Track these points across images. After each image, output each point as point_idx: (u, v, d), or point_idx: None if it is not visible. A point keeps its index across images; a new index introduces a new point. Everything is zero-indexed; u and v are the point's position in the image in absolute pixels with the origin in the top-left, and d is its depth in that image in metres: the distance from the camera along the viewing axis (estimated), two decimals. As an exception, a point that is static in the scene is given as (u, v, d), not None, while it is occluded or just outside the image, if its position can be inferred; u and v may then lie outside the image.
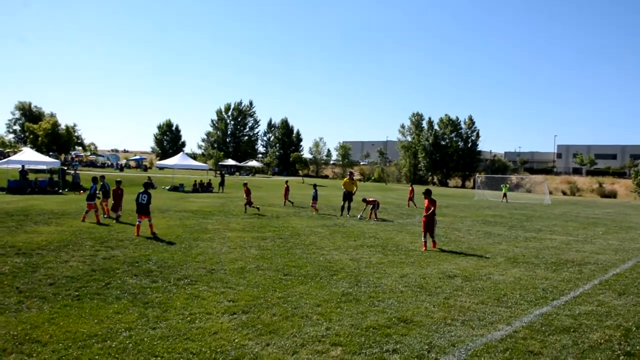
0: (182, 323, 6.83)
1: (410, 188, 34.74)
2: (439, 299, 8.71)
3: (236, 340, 6.20)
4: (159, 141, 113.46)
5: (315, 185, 28.33)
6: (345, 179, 25.13)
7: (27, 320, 6.72)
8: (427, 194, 15.11)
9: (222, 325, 6.81)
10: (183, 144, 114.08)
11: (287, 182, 32.01)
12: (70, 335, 6.19)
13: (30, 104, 77.04)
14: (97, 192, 19.39)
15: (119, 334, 6.31)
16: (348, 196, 24.44)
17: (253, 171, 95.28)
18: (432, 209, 14.64)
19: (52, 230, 15.40)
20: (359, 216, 23.30)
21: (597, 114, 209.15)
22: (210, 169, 69.87)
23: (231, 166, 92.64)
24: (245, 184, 26.42)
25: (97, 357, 5.53)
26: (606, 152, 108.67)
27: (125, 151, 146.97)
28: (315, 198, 26.36)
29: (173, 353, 5.71)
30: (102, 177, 21.65)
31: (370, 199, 23.97)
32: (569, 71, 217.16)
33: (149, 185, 16.45)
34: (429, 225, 14.60)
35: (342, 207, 24.64)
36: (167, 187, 46.31)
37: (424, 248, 14.36)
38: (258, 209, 24.78)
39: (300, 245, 14.26)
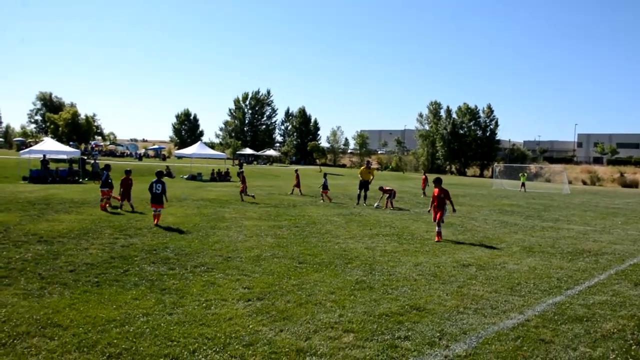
0: (198, 309, 6.98)
1: (423, 177, 34.46)
2: (452, 287, 8.77)
3: (250, 326, 6.33)
4: (177, 130, 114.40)
5: (325, 174, 28.52)
6: (362, 168, 25.26)
7: (49, 305, 6.91)
8: (437, 182, 14.81)
9: (237, 311, 6.95)
10: (201, 133, 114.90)
11: (297, 170, 32.27)
12: (90, 320, 6.36)
13: (50, 94, 78.16)
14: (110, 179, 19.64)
15: (136, 319, 6.48)
16: (364, 185, 24.56)
17: (271, 160, 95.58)
18: (442, 197, 14.44)
19: (72, 218, 15.68)
20: (375, 205, 23.34)
21: (619, 102, 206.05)
22: (228, 158, 70.27)
23: (249, 155, 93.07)
24: (240, 173, 27.79)
25: (115, 341, 5.69)
26: (628, 141, 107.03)
27: (144, 140, 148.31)
28: (325, 187, 26.53)
29: (189, 338, 5.85)
30: (107, 166, 21.39)
31: (387, 188, 23.98)
32: (589, 59, 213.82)
33: (162, 174, 16.38)
34: (439, 214, 14.33)
35: (359, 196, 24.75)
36: (185, 176, 46.72)
37: (437, 238, 13.95)
38: (253, 196, 25.25)
39: (316, 233, 14.37)
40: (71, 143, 53.99)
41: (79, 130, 54.09)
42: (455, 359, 5.52)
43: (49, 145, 42.71)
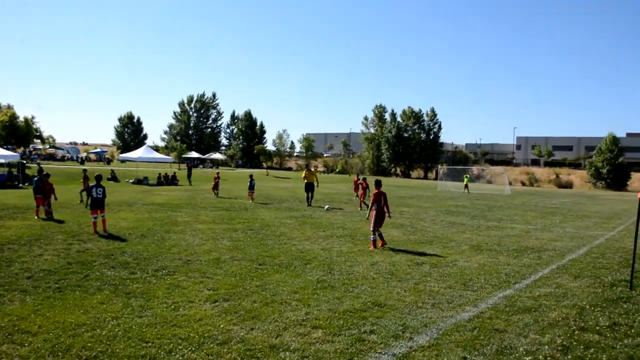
0: (166, 311, 7.09)
1: (355, 179, 31.94)
2: (409, 284, 9.17)
3: (221, 326, 6.50)
4: (120, 134, 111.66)
5: (251, 175, 29.53)
6: (304, 172, 26.33)
7: (12, 313, 6.86)
8: (378, 184, 13.90)
9: (206, 312, 7.10)
10: (145, 137, 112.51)
11: (217, 173, 33.45)
12: (59, 325, 6.37)
13: (-15, 96, 74.91)
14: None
15: (106, 322, 6.53)
16: (310, 187, 25.65)
17: (217, 164, 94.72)
18: (382, 199, 13.46)
19: (19, 224, 15.31)
20: (326, 207, 23.72)
21: (555, 106, 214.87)
22: (174, 162, 69.29)
23: (195, 159, 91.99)
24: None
25: (89, 344, 5.75)
26: (563, 144, 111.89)
27: (84, 144, 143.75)
28: (251, 187, 27.75)
29: (163, 339, 5.97)
30: (40, 170, 20.44)
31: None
32: (528, 64, 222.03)
33: (101, 177, 15.42)
34: (380, 219, 13.43)
35: (307, 198, 25.74)
36: (131, 180, 45.90)
37: (372, 247, 13.09)
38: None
39: (271, 236, 14.57)
40: (8, 146, 51.99)
41: (17, 133, 52.17)
42: (419, 350, 5.87)
43: (-15, 149, 41.07)
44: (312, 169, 27.36)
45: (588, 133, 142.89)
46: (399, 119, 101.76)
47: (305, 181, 25.97)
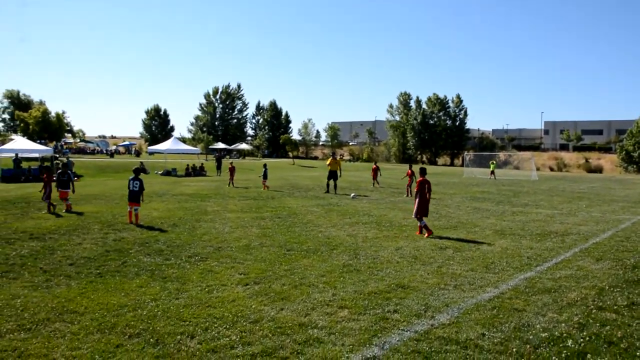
0: (201, 293, 7.53)
1: (374, 166, 32.70)
2: (432, 267, 9.48)
3: (253, 306, 6.92)
4: (147, 126, 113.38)
5: (265, 165, 30.42)
6: (329, 159, 26.75)
7: (60, 295, 7.38)
8: (422, 172, 13.80)
9: (238, 294, 7.53)
10: (172, 129, 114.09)
11: (231, 163, 34.36)
12: (103, 306, 6.86)
13: (18, 92, 76.62)
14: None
15: (146, 304, 6.99)
16: (333, 175, 26.22)
17: (243, 154, 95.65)
18: (426, 187, 13.39)
19: (56, 216, 15.95)
20: (352, 195, 24.04)
21: (584, 89, 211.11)
22: (201, 153, 70.21)
23: (221, 149, 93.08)
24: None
25: (132, 322, 6.21)
26: (593, 128, 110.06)
27: (112, 137, 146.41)
28: (265, 176, 28.50)
29: (199, 318, 6.41)
30: (65, 164, 20.74)
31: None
32: (555, 47, 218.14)
33: (140, 170, 15.95)
34: (423, 207, 13.36)
35: (327, 185, 26.45)
36: (159, 172, 46.83)
37: (418, 232, 13.27)
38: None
39: (299, 223, 14.97)
40: (41, 141, 53.39)
41: (49, 128, 53.57)
42: (440, 327, 6.19)
43: (21, 144, 42.34)
44: (337, 158, 27.67)
45: (619, 116, 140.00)
46: (424, 105, 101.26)
47: (330, 169, 26.46)
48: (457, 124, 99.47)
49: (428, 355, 5.35)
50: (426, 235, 12.95)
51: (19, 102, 74.28)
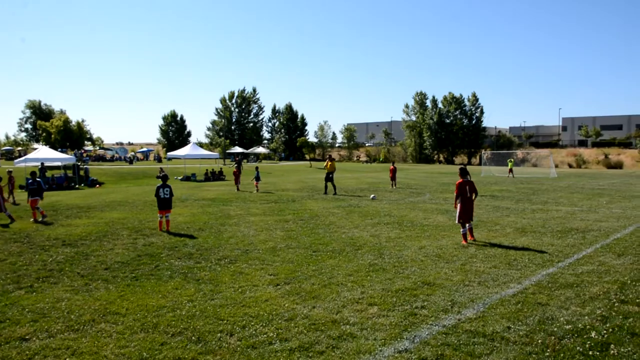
0: (235, 294, 7.86)
1: (392, 167, 32.72)
2: (456, 265, 9.73)
3: (286, 305, 7.23)
4: (164, 132, 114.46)
5: (257, 168, 31.87)
6: (327, 162, 27.31)
7: (101, 298, 7.75)
8: (462, 173, 12.58)
9: (270, 294, 7.84)
10: (189, 134, 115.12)
11: (237, 167, 35.39)
12: (143, 307, 7.21)
13: (40, 102, 78.06)
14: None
15: (183, 304, 7.34)
16: (329, 176, 26.80)
17: (260, 157, 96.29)
18: (467, 189, 12.33)
19: (85, 222, 16.40)
20: (371, 197, 24.28)
21: (602, 84, 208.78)
22: (220, 158, 70.84)
23: (238, 153, 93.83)
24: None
25: (172, 322, 6.55)
26: (612, 123, 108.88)
27: (130, 144, 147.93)
28: (257, 178, 30.14)
29: (235, 317, 6.73)
30: (35, 172, 19.46)
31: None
32: (572, 43, 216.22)
33: (167, 177, 15.93)
34: (467, 211, 12.30)
35: (326, 187, 27.04)
36: (179, 177, 47.42)
37: (464, 241, 12.18)
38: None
39: (322, 225, 15.26)
40: (62, 149, 54.39)
41: (71, 136, 54.58)
42: (466, 321, 6.45)
43: (44, 153, 43.19)
44: (334, 161, 28.23)
45: (639, 111, 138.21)
46: (440, 105, 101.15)
47: (327, 170, 27.02)
48: (474, 122, 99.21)
49: (457, 347, 5.61)
50: (463, 242, 12.12)
51: (40, 112, 75.66)
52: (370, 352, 5.52)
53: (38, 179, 17.99)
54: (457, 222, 12.59)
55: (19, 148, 72.43)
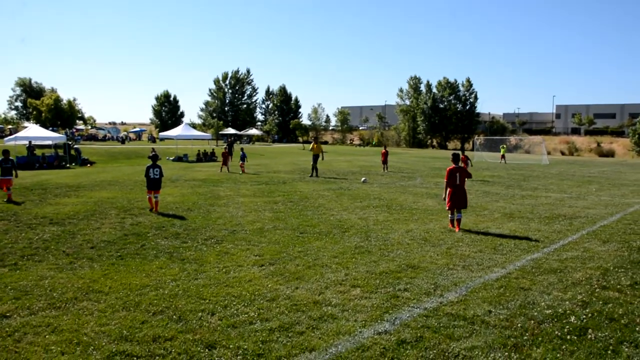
0: (219, 274, 7.86)
1: (384, 151, 32.75)
2: (441, 249, 9.77)
3: (269, 285, 7.24)
4: (157, 112, 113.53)
5: (242, 149, 32.57)
6: (314, 144, 27.38)
7: (85, 276, 7.73)
8: (454, 159, 12.43)
9: (254, 274, 7.85)
10: (182, 115, 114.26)
11: (225, 148, 34.85)
12: (126, 286, 7.21)
13: (30, 80, 77.24)
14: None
15: (167, 284, 7.33)
16: (315, 159, 26.80)
17: (253, 139, 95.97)
18: (457, 176, 11.96)
19: (74, 201, 16.32)
20: (362, 179, 24.30)
21: (596, 73, 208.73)
22: (212, 139, 70.54)
23: (231, 135, 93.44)
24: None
25: (154, 301, 6.55)
26: (605, 112, 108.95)
27: (122, 123, 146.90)
28: (242, 159, 30.32)
29: (218, 297, 6.74)
30: (7, 150, 18.17)
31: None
32: (567, 29, 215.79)
33: (157, 157, 15.78)
34: (457, 198, 11.85)
35: (313, 169, 26.95)
36: (171, 158, 47.20)
37: (450, 225, 12.04)
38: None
39: (310, 207, 15.26)
40: (53, 129, 53.94)
41: (62, 115, 54.15)
42: (448, 304, 6.48)
43: (34, 131, 42.85)
44: (319, 143, 28.32)
45: (632, 100, 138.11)
46: (434, 90, 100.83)
47: (313, 153, 27.02)
48: (468, 108, 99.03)
49: (437, 330, 5.64)
50: (449, 225, 12.02)
51: (31, 90, 74.88)
52: (349, 333, 5.54)
53: (11, 158, 17.44)
54: (446, 208, 12.22)
55: (10, 126, 71.80)
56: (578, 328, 5.75)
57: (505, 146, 50.50)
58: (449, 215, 12.17)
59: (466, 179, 12.33)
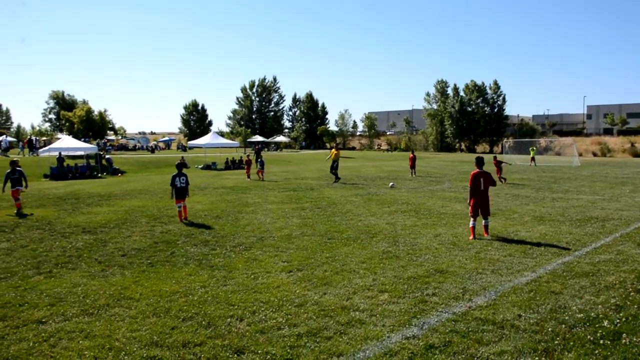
0: (247, 280, 7.93)
1: (411, 155, 32.53)
2: (470, 253, 9.67)
3: (297, 291, 7.28)
4: (186, 121, 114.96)
5: (261, 156, 33.42)
6: (333, 151, 27.47)
7: (116, 283, 7.88)
8: (478, 163, 11.80)
9: (282, 280, 7.90)
10: (210, 123, 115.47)
11: (248, 156, 35.46)
12: (157, 293, 7.32)
13: (63, 93, 78.85)
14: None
15: (196, 290, 7.43)
16: (334, 165, 26.85)
17: (281, 146, 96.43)
18: (481, 181, 11.47)
19: (105, 210, 16.63)
20: (390, 185, 24.22)
21: (628, 71, 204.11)
22: (239, 147, 71.11)
23: (259, 142, 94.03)
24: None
25: (184, 307, 6.64)
26: (638, 111, 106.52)
27: (152, 133, 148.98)
28: (261, 166, 30.42)
29: (246, 302, 6.80)
30: (14, 161, 17.91)
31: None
32: (595, 29, 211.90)
33: (182, 165, 15.83)
34: (480, 205, 11.46)
35: (335, 175, 27.02)
36: (200, 166, 47.77)
37: (471, 236, 11.25)
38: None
39: (338, 213, 15.27)
40: (85, 139, 55.04)
41: (93, 126, 55.28)
42: (477, 309, 6.42)
43: (67, 142, 43.81)
44: (338, 150, 28.31)
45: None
46: (461, 93, 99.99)
47: (332, 159, 27.11)
48: (496, 110, 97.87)
49: (465, 335, 5.60)
50: (470, 237, 11.24)
51: (64, 102, 76.47)
52: (377, 338, 5.54)
53: (18, 168, 17.02)
54: (469, 215, 11.66)
55: (44, 138, 73.51)
56: (612, 332, 5.63)
57: (534, 148, 49.65)
58: (470, 223, 11.46)
59: (490, 186, 11.66)
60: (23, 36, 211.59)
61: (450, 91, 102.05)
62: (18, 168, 17.14)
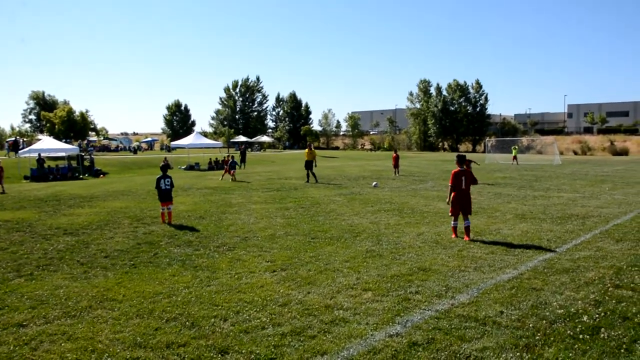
0: (231, 280, 7.93)
1: (395, 155, 32.92)
2: (453, 251, 9.76)
3: (281, 291, 7.29)
4: (168, 122, 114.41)
5: (232, 157, 32.36)
6: (306, 150, 27.71)
7: (99, 285, 7.82)
8: (459, 160, 11.77)
9: (266, 280, 7.90)
10: (193, 123, 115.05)
11: (229, 156, 34.83)
12: (140, 294, 7.29)
13: (43, 93, 78.02)
14: None
15: (180, 291, 7.40)
16: (309, 165, 26.93)
17: (265, 146, 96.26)
18: (463, 180, 11.31)
19: (87, 212, 16.47)
20: (373, 184, 24.31)
21: (608, 70, 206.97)
22: (223, 147, 70.88)
23: (242, 142, 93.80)
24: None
25: (167, 308, 6.62)
26: (618, 110, 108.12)
27: (134, 134, 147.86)
28: (232, 167, 30.19)
29: (230, 303, 6.79)
30: None
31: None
32: (576, 28, 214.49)
33: (167, 167, 15.63)
34: (461, 203, 11.19)
35: (307, 175, 27.01)
36: (183, 167, 47.54)
37: (453, 234, 11.25)
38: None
39: (322, 212, 15.30)
40: (66, 140, 54.50)
41: (75, 127, 54.76)
42: (460, 306, 6.49)
43: (47, 143, 43.37)
44: (312, 149, 28.41)
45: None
46: (444, 92, 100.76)
47: (306, 159, 27.23)
48: (478, 109, 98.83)
49: (448, 332, 5.65)
50: (452, 235, 11.22)
51: (44, 103, 75.63)
52: (361, 337, 5.57)
53: (169, 176, 16.38)
54: (449, 214, 11.45)
55: (24, 139, 72.62)
56: (591, 327, 5.73)
57: (516, 147, 50.15)
58: (452, 223, 11.37)
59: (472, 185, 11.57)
60: (22, 36, 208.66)
61: (433, 91, 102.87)
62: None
